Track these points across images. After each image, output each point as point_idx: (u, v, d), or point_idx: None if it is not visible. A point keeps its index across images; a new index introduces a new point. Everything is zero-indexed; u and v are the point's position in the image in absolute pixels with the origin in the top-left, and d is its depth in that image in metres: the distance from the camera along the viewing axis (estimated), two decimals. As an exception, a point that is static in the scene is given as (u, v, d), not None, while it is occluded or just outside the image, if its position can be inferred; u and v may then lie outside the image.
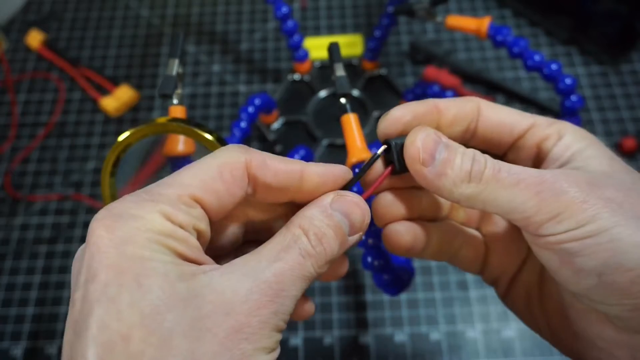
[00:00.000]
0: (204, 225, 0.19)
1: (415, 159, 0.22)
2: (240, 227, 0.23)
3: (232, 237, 0.22)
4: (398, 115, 0.23)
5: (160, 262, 0.17)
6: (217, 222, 0.21)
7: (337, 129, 0.29)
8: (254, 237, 0.23)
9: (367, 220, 0.21)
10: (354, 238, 0.21)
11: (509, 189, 0.20)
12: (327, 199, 0.21)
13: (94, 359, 0.16)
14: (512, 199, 0.20)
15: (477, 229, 0.28)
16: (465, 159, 0.21)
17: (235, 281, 0.18)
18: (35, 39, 0.62)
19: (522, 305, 0.27)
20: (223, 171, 0.20)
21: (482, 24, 0.42)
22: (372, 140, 0.50)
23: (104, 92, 0.58)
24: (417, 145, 0.22)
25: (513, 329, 0.44)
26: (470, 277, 0.46)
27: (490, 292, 0.45)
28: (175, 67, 0.33)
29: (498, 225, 0.27)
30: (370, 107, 0.54)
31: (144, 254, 0.17)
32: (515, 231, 0.26)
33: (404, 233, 0.25)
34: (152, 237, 0.17)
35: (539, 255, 0.22)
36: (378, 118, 0.53)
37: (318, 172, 0.21)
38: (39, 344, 0.45)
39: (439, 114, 0.24)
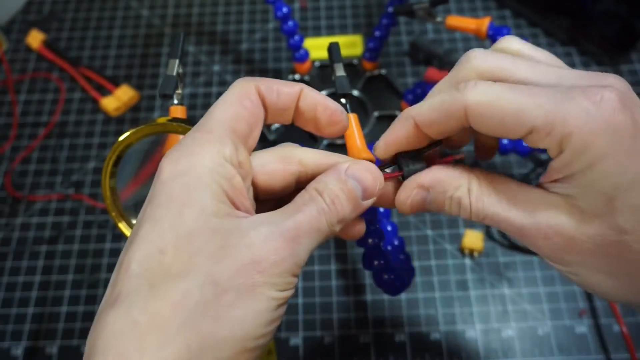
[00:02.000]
0: (244, 157, 0.22)
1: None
2: (292, 174, 0.24)
3: (284, 182, 0.24)
4: (381, 153, 0.26)
5: (203, 197, 0.20)
6: (270, 167, 0.24)
7: (337, 129, 0.29)
8: (305, 185, 0.24)
9: (380, 186, 0.23)
10: (368, 202, 0.23)
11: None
12: (343, 166, 0.23)
13: (136, 263, 0.19)
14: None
15: None
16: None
17: (259, 225, 0.20)
18: (35, 39, 0.62)
19: None
20: (242, 99, 0.23)
21: (482, 24, 0.42)
22: (371, 140, 0.50)
23: (105, 92, 0.58)
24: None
25: (513, 329, 0.44)
26: (470, 277, 0.46)
27: (490, 292, 0.46)
28: (175, 67, 0.34)
29: None
30: (370, 107, 0.54)
31: (193, 187, 0.20)
32: None
33: None
34: (203, 172, 0.21)
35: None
36: (378, 118, 0.54)
37: (313, 95, 0.24)
38: (40, 344, 0.45)
39: (420, 132, 0.24)
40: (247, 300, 0.19)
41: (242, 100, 0.23)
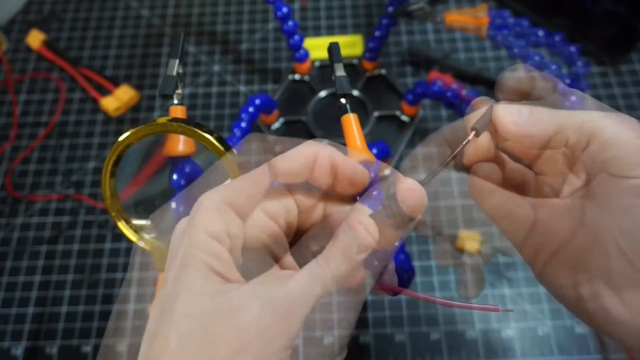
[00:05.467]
0: (236, 229, 0.21)
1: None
2: (280, 228, 0.24)
3: (272, 234, 0.24)
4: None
5: (192, 281, 0.20)
6: (258, 225, 0.23)
7: (337, 129, 0.29)
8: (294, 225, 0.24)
9: (375, 238, 0.22)
10: (362, 256, 0.22)
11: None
12: (340, 227, 0.22)
13: (175, 340, 0.19)
14: (618, 135, 0.22)
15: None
16: None
17: (250, 302, 0.20)
18: (35, 39, 0.62)
19: (564, 281, 0.26)
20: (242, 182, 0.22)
21: (481, 24, 0.42)
22: (372, 140, 0.50)
23: (105, 92, 0.58)
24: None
25: (513, 328, 0.44)
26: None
27: (490, 292, 0.45)
28: (175, 68, 0.34)
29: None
30: (370, 107, 0.54)
31: (184, 270, 0.20)
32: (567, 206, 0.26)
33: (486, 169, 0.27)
34: (195, 255, 0.20)
35: (613, 201, 0.23)
36: (378, 118, 0.54)
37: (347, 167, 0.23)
38: (40, 344, 0.45)
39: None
40: None
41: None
